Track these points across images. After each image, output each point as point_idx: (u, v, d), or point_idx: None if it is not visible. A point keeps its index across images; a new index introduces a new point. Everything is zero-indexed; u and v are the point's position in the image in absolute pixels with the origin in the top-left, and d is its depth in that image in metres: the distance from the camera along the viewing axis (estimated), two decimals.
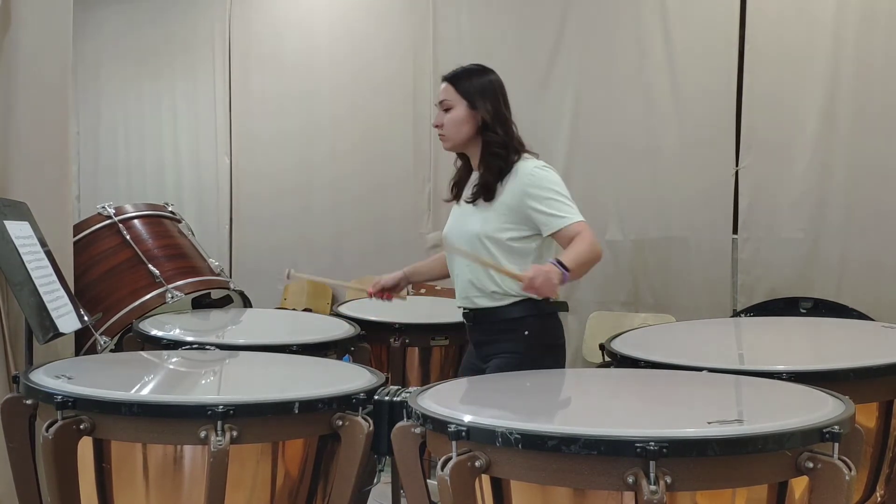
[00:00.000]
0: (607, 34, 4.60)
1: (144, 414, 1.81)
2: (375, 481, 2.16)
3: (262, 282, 5.51)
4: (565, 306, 2.61)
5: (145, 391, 2.08)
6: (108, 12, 6.55)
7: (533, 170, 2.47)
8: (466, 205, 2.58)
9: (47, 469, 1.83)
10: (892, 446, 2.15)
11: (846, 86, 3.99)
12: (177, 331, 2.94)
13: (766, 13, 4.17)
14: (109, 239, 3.30)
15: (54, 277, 2.78)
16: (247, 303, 3.59)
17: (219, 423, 1.76)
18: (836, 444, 1.54)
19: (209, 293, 3.49)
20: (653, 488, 1.44)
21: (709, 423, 1.56)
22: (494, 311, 2.52)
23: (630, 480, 1.48)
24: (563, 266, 2.27)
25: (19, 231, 2.71)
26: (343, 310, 3.42)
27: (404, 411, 1.84)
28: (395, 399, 1.98)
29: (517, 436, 1.54)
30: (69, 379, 1.97)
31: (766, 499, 1.59)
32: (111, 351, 3.09)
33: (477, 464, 1.59)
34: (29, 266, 2.64)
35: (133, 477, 1.87)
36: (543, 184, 2.45)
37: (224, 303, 3.56)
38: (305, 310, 5.29)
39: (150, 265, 3.22)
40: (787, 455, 1.55)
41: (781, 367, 2.04)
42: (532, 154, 2.57)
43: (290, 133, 5.85)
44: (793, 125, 4.12)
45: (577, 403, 2.03)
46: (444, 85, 2.59)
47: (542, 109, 4.67)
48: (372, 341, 3.09)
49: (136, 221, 3.40)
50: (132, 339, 2.95)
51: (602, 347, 2.49)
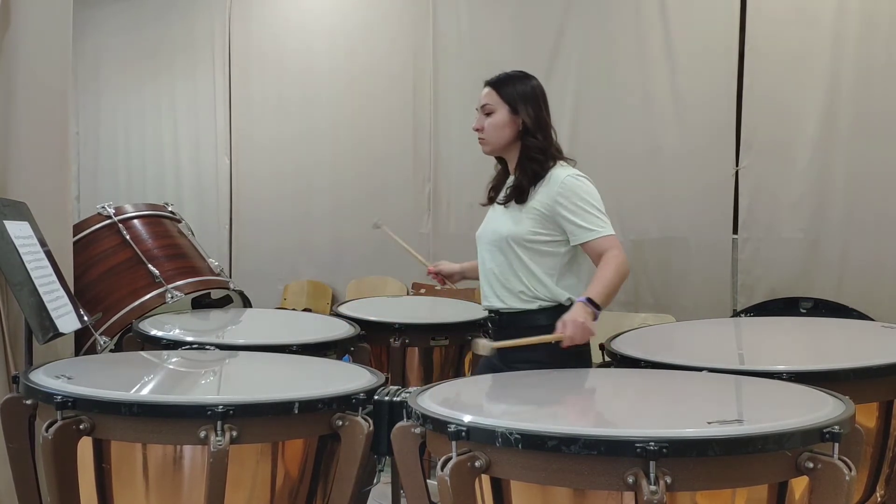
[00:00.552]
0: (607, 34, 4.61)
1: (144, 414, 1.81)
2: (375, 481, 2.16)
3: (262, 282, 5.52)
4: None
5: (145, 391, 2.08)
6: (108, 12, 6.56)
7: (566, 178, 2.45)
8: (499, 206, 2.58)
9: (47, 469, 1.83)
10: (892, 446, 2.15)
11: (846, 86, 3.99)
12: (177, 331, 2.93)
13: (766, 14, 4.17)
14: (109, 239, 3.29)
15: (54, 277, 2.77)
16: (247, 303, 3.59)
17: (218, 423, 1.76)
18: (836, 445, 1.54)
19: (209, 293, 3.49)
20: (653, 488, 1.44)
21: (709, 423, 1.57)
22: (521, 316, 2.49)
23: (630, 480, 1.48)
24: (594, 304, 2.27)
25: (19, 231, 2.71)
26: (343, 310, 3.42)
27: (404, 411, 1.85)
28: (395, 399, 1.98)
29: (517, 436, 1.54)
30: (69, 379, 1.97)
31: (766, 499, 1.59)
32: (111, 351, 3.08)
33: (477, 464, 1.59)
34: (29, 266, 2.64)
35: (133, 477, 1.86)
36: (576, 193, 2.42)
37: (224, 303, 3.55)
38: (305, 310, 5.29)
39: (149, 265, 3.21)
40: (787, 455, 1.55)
41: (781, 367, 2.04)
42: (570, 161, 2.55)
43: (290, 133, 5.85)
44: (793, 125, 4.12)
45: (577, 403, 2.04)
46: (487, 90, 2.58)
47: None
48: (372, 341, 3.09)
49: (135, 221, 3.39)
50: (132, 339, 2.95)
51: (602, 347, 2.49)
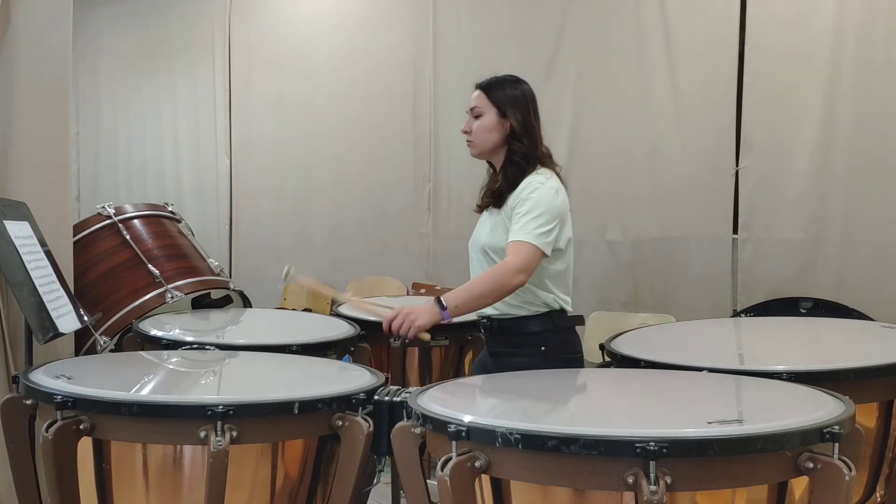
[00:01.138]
0: (607, 35, 4.60)
1: (144, 414, 1.81)
2: (375, 481, 2.16)
3: (262, 282, 5.51)
4: (581, 320, 2.61)
5: (145, 391, 2.08)
6: (108, 12, 6.55)
7: (532, 183, 2.45)
8: (485, 212, 2.58)
9: (47, 469, 1.83)
10: (892, 446, 2.14)
11: (846, 86, 3.99)
12: (176, 331, 2.94)
13: (766, 14, 4.17)
14: (109, 239, 3.29)
15: (54, 277, 2.77)
16: (247, 303, 3.59)
17: (218, 423, 1.76)
18: (836, 445, 1.54)
19: (209, 293, 3.49)
20: (653, 488, 1.44)
21: (709, 423, 1.56)
22: (512, 323, 2.50)
23: (630, 480, 1.48)
24: (442, 305, 2.26)
25: (19, 231, 2.71)
26: (343, 310, 3.42)
27: (404, 411, 1.84)
28: (394, 399, 1.97)
29: (517, 436, 1.53)
30: (69, 379, 1.97)
31: (766, 499, 1.59)
32: (111, 351, 3.09)
33: (477, 464, 1.59)
34: (28, 266, 2.64)
35: (133, 477, 1.86)
36: (531, 197, 2.42)
37: (224, 303, 3.56)
38: (305, 310, 5.28)
39: (149, 265, 3.22)
40: (787, 455, 1.54)
41: (781, 367, 2.04)
42: (553, 168, 2.54)
43: (290, 133, 5.85)
44: (793, 125, 4.12)
45: (577, 403, 2.03)
46: (477, 92, 2.59)
47: (542, 110, 4.61)
48: (372, 341, 3.08)
49: (135, 221, 3.40)
50: (132, 339, 2.95)
51: (602, 347, 2.48)
